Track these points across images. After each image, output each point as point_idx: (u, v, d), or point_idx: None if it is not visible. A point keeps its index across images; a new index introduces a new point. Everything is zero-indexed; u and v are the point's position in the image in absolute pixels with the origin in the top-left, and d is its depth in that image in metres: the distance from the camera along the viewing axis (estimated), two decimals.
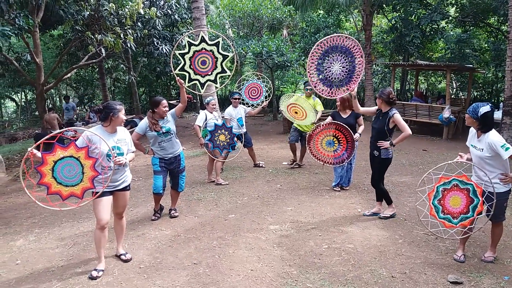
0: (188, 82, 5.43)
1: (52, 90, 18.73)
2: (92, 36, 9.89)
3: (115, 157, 3.81)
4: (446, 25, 17.28)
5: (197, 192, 6.65)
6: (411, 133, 4.87)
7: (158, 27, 13.01)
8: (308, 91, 7.45)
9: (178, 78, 5.06)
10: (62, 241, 4.87)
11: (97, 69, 17.23)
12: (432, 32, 16.18)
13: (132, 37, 10.67)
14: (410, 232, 4.77)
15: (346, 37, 5.04)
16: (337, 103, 6.31)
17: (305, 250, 4.36)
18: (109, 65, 19.91)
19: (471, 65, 14.06)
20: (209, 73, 5.43)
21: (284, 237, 4.72)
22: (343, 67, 5.06)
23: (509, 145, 3.65)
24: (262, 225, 5.11)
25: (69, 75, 12.66)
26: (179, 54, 5.37)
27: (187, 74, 5.40)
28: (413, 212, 5.42)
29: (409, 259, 4.09)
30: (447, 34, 16.54)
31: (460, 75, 18.17)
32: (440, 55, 18.25)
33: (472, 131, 3.99)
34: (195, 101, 18.84)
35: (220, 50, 5.37)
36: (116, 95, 23.41)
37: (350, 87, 5.07)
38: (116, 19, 10.76)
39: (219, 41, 5.36)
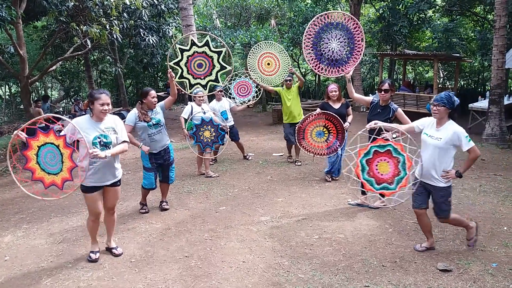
0: (190, 88, 5.39)
1: (37, 83, 18.40)
2: (77, 28, 9.71)
3: (90, 149, 3.59)
4: (433, 14, 17.35)
5: (187, 185, 6.62)
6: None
7: (144, 17, 12.84)
8: (288, 82, 7.30)
9: (170, 70, 4.97)
10: (51, 237, 4.82)
11: (83, 61, 16.95)
12: (419, 22, 16.23)
13: (118, 28, 10.52)
14: (399, 221, 4.82)
15: (350, 17, 4.87)
16: (330, 94, 6.17)
17: (296, 241, 4.38)
18: (95, 57, 19.60)
19: (458, 54, 14.17)
20: (208, 73, 5.35)
21: (275, 228, 4.74)
22: (341, 47, 4.93)
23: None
24: (253, 216, 5.11)
25: (54, 67, 12.46)
26: (173, 64, 5.26)
27: (187, 81, 5.32)
28: None
29: (399, 248, 4.14)
30: (434, 23, 16.60)
31: (447, 64, 18.32)
32: (427, 44, 18.35)
33: (429, 120, 3.96)
34: (183, 92, 18.68)
35: (213, 48, 5.27)
36: (102, 87, 23.08)
37: (346, 69, 4.93)
38: (101, 10, 10.59)
39: (207, 40, 5.26)
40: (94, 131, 3.77)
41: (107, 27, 10.19)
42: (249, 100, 8.16)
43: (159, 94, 20.69)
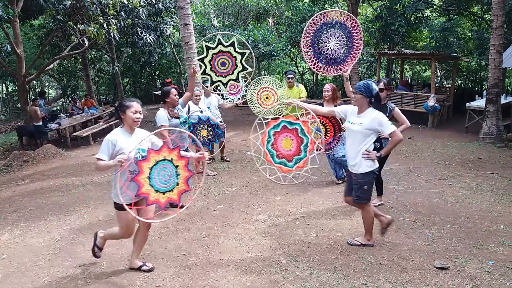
0: (211, 85, 5.56)
1: (34, 81, 18.34)
2: (74, 26, 9.70)
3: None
4: (430, 13, 17.38)
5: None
6: (409, 124, 4.86)
7: (142, 16, 12.83)
8: (290, 79, 7.30)
9: (194, 66, 5.10)
10: (48, 235, 4.82)
11: (80, 60, 16.91)
12: (417, 21, 16.26)
13: (115, 27, 10.51)
14: (397, 219, 4.83)
15: (348, 16, 4.86)
16: (323, 94, 6.19)
17: (294, 239, 4.39)
18: (92, 56, 19.56)
19: (455, 54, 14.20)
20: (231, 72, 5.52)
21: (273, 226, 4.74)
22: (339, 46, 4.92)
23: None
24: (251, 215, 5.12)
25: (51, 66, 12.42)
26: (205, 46, 5.42)
27: (209, 77, 5.52)
28: (400, 200, 5.50)
29: (396, 246, 4.15)
30: (431, 22, 16.63)
31: (445, 64, 18.35)
32: (424, 43, 18.38)
33: (351, 108, 4.05)
34: (180, 91, 18.67)
35: (237, 49, 5.43)
36: (100, 86, 23.06)
37: (344, 67, 4.92)
38: (98, 9, 10.56)
39: (234, 41, 5.43)
40: (132, 145, 3.45)
41: (105, 25, 10.18)
42: (238, 99, 8.15)
43: (156, 93, 20.67)
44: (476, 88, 17.82)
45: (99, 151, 3.45)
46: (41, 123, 10.75)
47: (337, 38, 4.90)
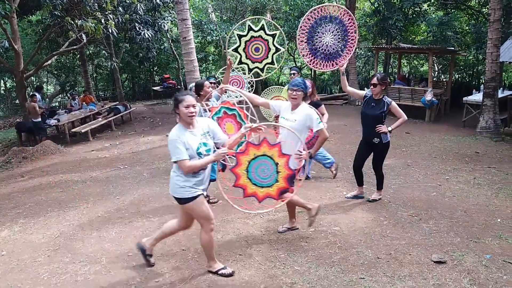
0: (238, 64, 5.52)
1: (32, 77, 18.29)
2: (72, 22, 9.64)
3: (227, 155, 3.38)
4: (428, 7, 17.33)
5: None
6: (406, 118, 4.87)
7: (139, 11, 12.78)
8: (292, 76, 7.32)
9: (229, 57, 5.09)
10: (47, 231, 4.83)
11: (78, 56, 16.84)
12: (414, 15, 16.22)
13: (113, 22, 10.45)
14: (394, 214, 4.86)
15: (344, 11, 4.82)
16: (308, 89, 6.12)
17: (292, 233, 4.42)
18: (90, 52, 19.48)
19: (453, 48, 14.19)
20: (265, 56, 5.48)
21: (271, 221, 4.77)
22: (334, 40, 4.89)
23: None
24: (250, 210, 5.12)
25: (49, 62, 12.37)
26: (237, 35, 5.40)
27: (246, 66, 5.48)
28: (397, 194, 5.53)
29: (394, 240, 4.18)
30: (429, 17, 16.60)
31: (442, 58, 18.33)
32: (422, 38, 18.35)
33: (285, 104, 4.12)
34: (179, 87, 18.64)
35: (275, 43, 5.40)
36: (98, 82, 22.98)
37: (340, 62, 4.91)
38: (96, 4, 10.52)
39: (263, 24, 5.40)
40: (195, 141, 3.34)
41: (102, 21, 10.12)
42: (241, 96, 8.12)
43: (154, 88, 20.62)
44: (474, 82, 17.83)
45: (175, 154, 3.25)
46: (39, 119, 10.74)
47: (332, 32, 4.88)
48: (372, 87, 4.88)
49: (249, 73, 5.65)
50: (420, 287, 3.35)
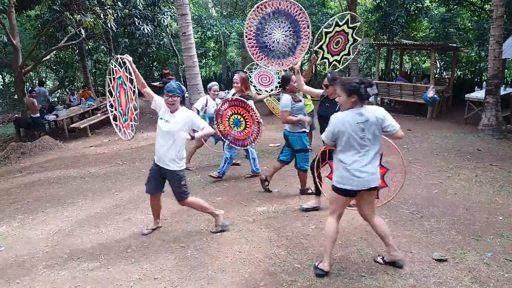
0: (329, 67, 5.51)
1: (31, 72, 18.21)
2: (71, 17, 9.58)
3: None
4: (430, 4, 17.25)
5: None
6: None
7: (139, 6, 12.70)
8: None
9: (313, 56, 5.12)
10: (46, 227, 4.80)
11: (77, 51, 16.78)
12: (416, 11, 16.14)
13: (112, 18, 10.39)
14: (395, 211, 4.83)
15: (290, 3, 4.64)
16: (233, 84, 5.95)
17: (292, 231, 4.38)
18: (89, 47, 19.38)
19: (455, 44, 14.12)
20: (343, 48, 5.47)
21: (271, 218, 4.73)
22: (286, 37, 4.73)
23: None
24: (250, 207, 5.10)
25: (48, 57, 12.32)
26: (324, 32, 5.31)
27: (326, 60, 5.44)
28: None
29: (395, 238, 4.12)
30: (431, 13, 16.51)
31: (444, 55, 18.24)
32: (424, 34, 18.26)
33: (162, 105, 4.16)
34: (178, 83, 18.55)
35: (354, 34, 5.38)
36: (97, 77, 22.91)
37: (293, 60, 4.75)
38: None
39: (348, 18, 5.35)
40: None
41: (101, 16, 10.05)
42: (271, 90, 8.05)
43: (154, 84, 20.57)
44: (476, 79, 17.74)
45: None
46: (38, 114, 10.70)
47: (283, 28, 4.70)
48: (324, 88, 4.69)
49: (328, 67, 5.60)
50: (421, 285, 3.32)
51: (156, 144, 4.09)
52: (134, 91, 3.91)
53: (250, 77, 7.89)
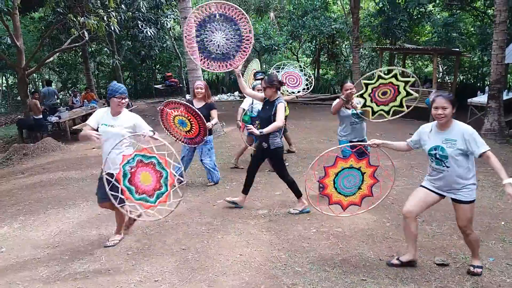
0: (373, 115, 5.17)
1: (34, 74, 18.29)
2: (75, 19, 9.63)
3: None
4: (433, 8, 17.27)
5: (185, 177, 6.58)
6: (281, 125, 4.62)
7: (142, 9, 12.75)
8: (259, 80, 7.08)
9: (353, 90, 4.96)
10: (47, 228, 4.81)
11: (81, 53, 16.85)
12: (419, 16, 16.16)
13: (115, 20, 10.44)
14: (397, 215, 4.81)
15: (231, 7, 4.56)
16: (195, 91, 5.86)
17: (293, 234, 4.37)
18: (92, 49, 19.48)
19: (458, 49, 14.12)
20: (393, 100, 5.10)
21: (272, 221, 4.72)
22: (227, 40, 4.66)
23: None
24: (251, 210, 5.10)
25: (51, 59, 12.36)
26: (364, 83, 5.00)
27: (370, 109, 5.11)
28: (400, 195, 5.47)
29: (396, 242, 4.13)
30: (434, 17, 16.53)
31: (447, 59, 18.25)
32: (427, 38, 18.28)
33: (102, 111, 4.06)
34: (181, 85, 18.60)
35: (407, 88, 5.01)
36: (100, 79, 23.01)
37: (234, 63, 4.71)
38: (98, 1, 10.50)
39: (396, 73, 4.97)
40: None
41: (105, 18, 10.10)
42: (298, 91, 7.75)
43: (156, 86, 20.59)
44: (478, 84, 17.74)
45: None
46: (41, 116, 10.72)
47: (224, 32, 4.65)
48: (262, 91, 4.74)
49: (372, 116, 5.25)
50: None
51: (105, 152, 3.85)
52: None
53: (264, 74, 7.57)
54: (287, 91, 7.65)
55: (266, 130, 4.58)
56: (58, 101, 13.41)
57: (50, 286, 3.53)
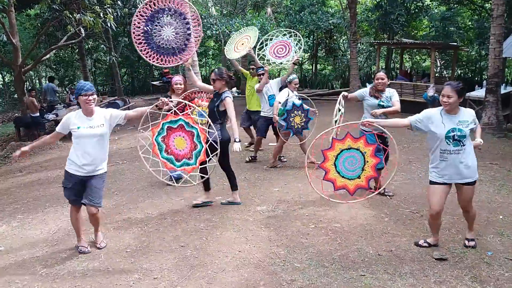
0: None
1: (31, 71, 18.22)
2: (71, 16, 9.55)
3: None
4: (430, 2, 17.25)
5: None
6: (235, 121, 4.66)
7: (138, 5, 12.63)
8: (252, 70, 7.03)
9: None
10: (46, 227, 4.80)
11: (77, 50, 16.77)
12: (416, 10, 16.15)
13: (112, 16, 10.36)
14: (396, 210, 4.82)
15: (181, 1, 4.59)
16: (174, 86, 5.75)
17: (292, 230, 4.37)
18: (89, 46, 19.40)
19: (455, 43, 14.11)
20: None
21: (271, 217, 4.73)
22: (177, 34, 4.66)
23: None
24: (249, 206, 5.09)
25: (48, 56, 12.31)
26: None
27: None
28: (399, 190, 5.48)
29: (395, 237, 4.14)
30: (431, 12, 16.52)
31: (444, 53, 18.25)
32: (424, 33, 18.28)
33: (74, 114, 4.01)
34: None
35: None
36: (97, 76, 22.93)
37: (184, 57, 4.72)
38: None
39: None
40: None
41: (101, 15, 10.03)
42: (292, 58, 6.97)
43: (154, 83, 20.55)
44: (476, 78, 17.75)
45: None
46: (38, 114, 10.69)
47: (173, 26, 4.64)
48: (212, 82, 4.73)
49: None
50: (421, 284, 3.31)
51: (84, 155, 3.85)
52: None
53: (265, 56, 7.17)
54: (274, 62, 7.13)
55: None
56: (58, 98, 13.32)
57: (49, 285, 3.53)
